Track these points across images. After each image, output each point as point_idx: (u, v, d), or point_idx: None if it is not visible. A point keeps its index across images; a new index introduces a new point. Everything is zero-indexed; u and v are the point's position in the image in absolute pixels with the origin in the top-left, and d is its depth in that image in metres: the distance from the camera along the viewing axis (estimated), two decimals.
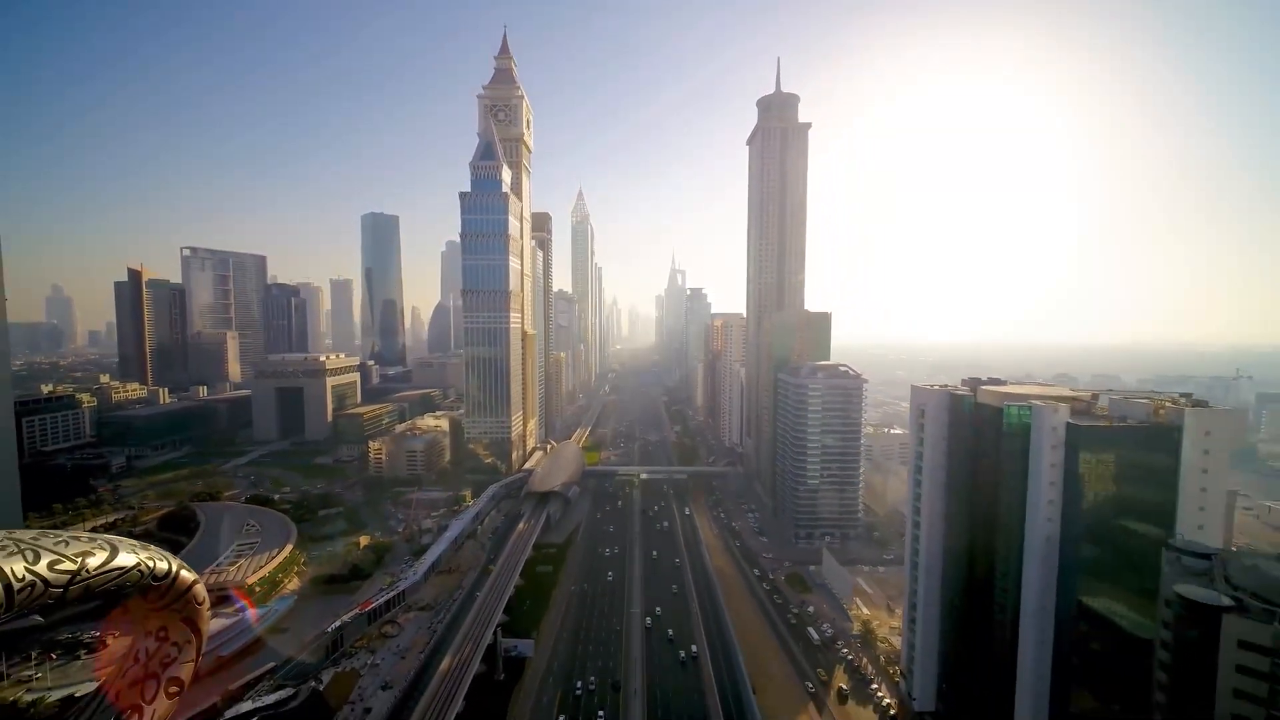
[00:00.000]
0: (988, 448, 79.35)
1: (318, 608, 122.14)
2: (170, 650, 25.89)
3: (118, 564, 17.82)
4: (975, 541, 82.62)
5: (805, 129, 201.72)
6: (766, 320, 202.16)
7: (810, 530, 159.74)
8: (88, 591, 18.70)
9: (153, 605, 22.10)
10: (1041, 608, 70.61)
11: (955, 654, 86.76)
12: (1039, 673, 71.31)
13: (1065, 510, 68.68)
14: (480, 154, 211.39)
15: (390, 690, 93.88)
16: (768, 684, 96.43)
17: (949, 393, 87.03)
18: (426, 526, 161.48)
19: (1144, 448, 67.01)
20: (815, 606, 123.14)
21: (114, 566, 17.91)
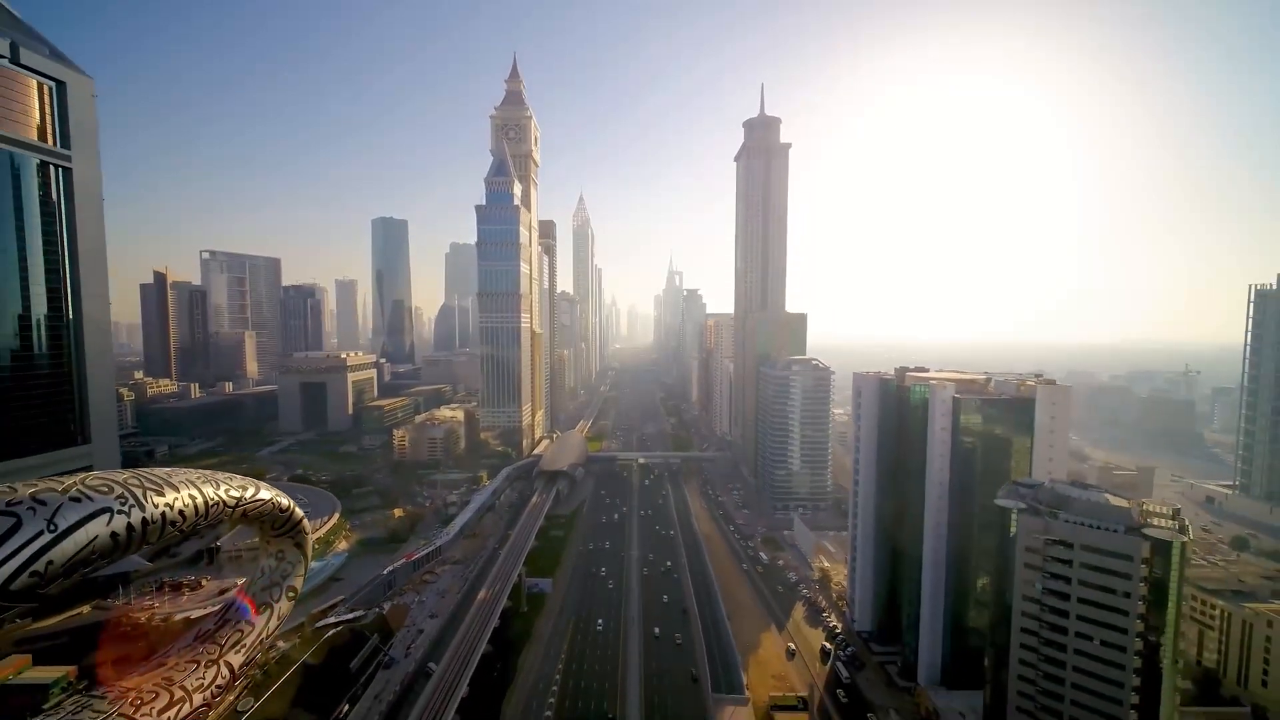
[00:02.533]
0: (905, 420, 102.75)
1: (365, 563, 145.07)
2: (286, 566, 48.95)
3: (262, 496, 33.45)
4: (896, 494, 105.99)
5: (786, 149, 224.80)
6: (751, 320, 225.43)
7: (786, 503, 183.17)
8: (244, 515, 40.17)
9: (275, 532, 44.64)
10: (936, 539, 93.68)
11: (884, 585, 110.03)
12: (935, 589, 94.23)
13: (953, 463, 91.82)
14: (494, 170, 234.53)
15: (436, 618, 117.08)
16: (740, 613, 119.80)
17: (879, 378, 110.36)
18: (451, 500, 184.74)
19: (1008, 414, 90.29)
20: (784, 561, 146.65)
21: (260, 498, 33.58)
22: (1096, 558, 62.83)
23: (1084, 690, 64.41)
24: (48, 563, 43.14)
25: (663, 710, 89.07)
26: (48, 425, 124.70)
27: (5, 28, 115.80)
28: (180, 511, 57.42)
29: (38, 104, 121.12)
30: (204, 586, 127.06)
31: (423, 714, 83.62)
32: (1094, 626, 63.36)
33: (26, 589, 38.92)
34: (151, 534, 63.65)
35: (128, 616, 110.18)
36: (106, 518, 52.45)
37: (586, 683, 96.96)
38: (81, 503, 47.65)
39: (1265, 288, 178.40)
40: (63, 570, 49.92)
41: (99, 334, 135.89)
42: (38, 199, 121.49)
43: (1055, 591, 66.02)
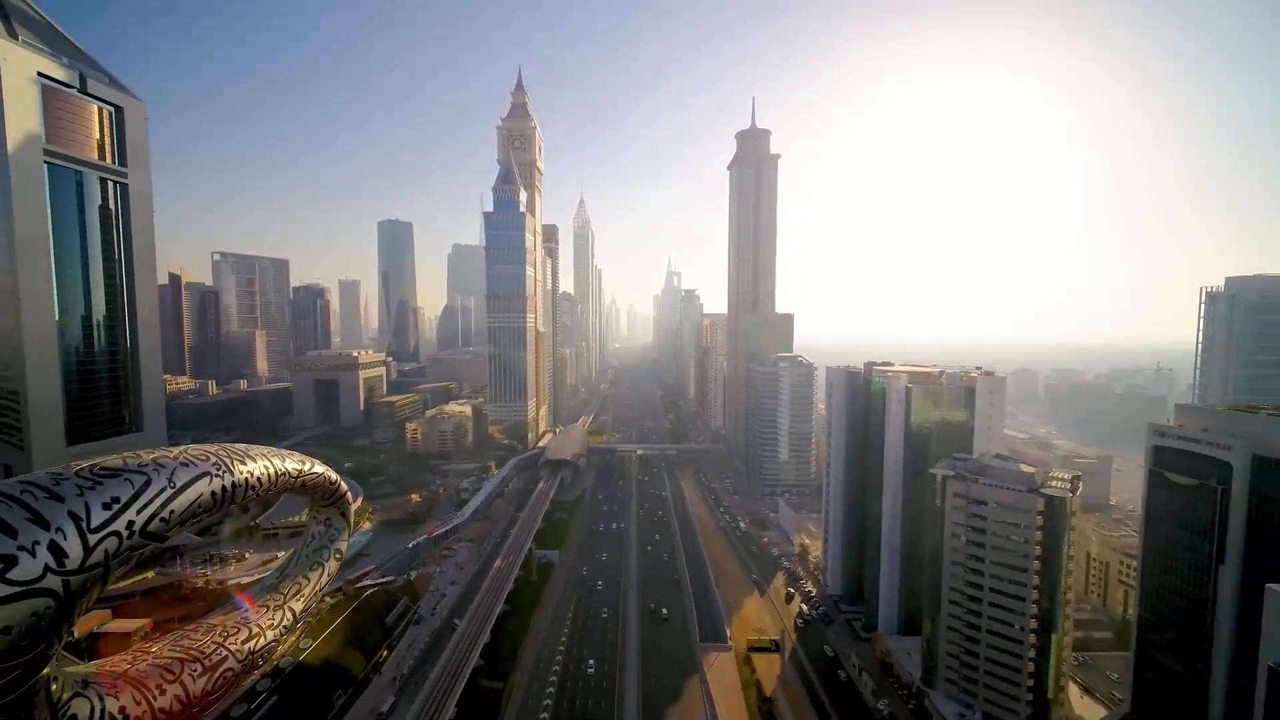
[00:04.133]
0: (869, 408, 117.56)
1: (388, 541, 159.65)
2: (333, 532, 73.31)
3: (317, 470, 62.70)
4: (862, 473, 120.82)
5: (775, 159, 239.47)
6: (742, 320, 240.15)
7: (773, 489, 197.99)
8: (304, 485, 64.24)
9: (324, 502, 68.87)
10: (893, 510, 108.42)
11: (852, 554, 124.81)
12: (891, 554, 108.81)
13: (906, 444, 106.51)
14: (501, 179, 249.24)
15: (457, 585, 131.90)
16: (727, 581, 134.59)
17: (848, 371, 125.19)
18: (463, 487, 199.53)
19: (953, 401, 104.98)
20: (769, 538, 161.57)
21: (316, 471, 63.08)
22: (1004, 512, 77.58)
23: (996, 620, 79.20)
24: (171, 511, 63.50)
25: (657, 656, 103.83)
26: (107, 415, 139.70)
27: (74, 60, 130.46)
28: (258, 478, 79.54)
29: (98, 126, 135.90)
30: (246, 560, 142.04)
31: (450, 658, 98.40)
32: (1002, 569, 78.12)
33: (157, 533, 57.83)
34: (238, 496, 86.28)
35: (186, 581, 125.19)
36: (208, 480, 73.44)
37: (592, 635, 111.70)
38: (189, 467, 68.89)
39: (1215, 289, 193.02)
40: (179, 520, 69.86)
41: (150, 333, 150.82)
42: (98, 212, 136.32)
43: (974, 542, 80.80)
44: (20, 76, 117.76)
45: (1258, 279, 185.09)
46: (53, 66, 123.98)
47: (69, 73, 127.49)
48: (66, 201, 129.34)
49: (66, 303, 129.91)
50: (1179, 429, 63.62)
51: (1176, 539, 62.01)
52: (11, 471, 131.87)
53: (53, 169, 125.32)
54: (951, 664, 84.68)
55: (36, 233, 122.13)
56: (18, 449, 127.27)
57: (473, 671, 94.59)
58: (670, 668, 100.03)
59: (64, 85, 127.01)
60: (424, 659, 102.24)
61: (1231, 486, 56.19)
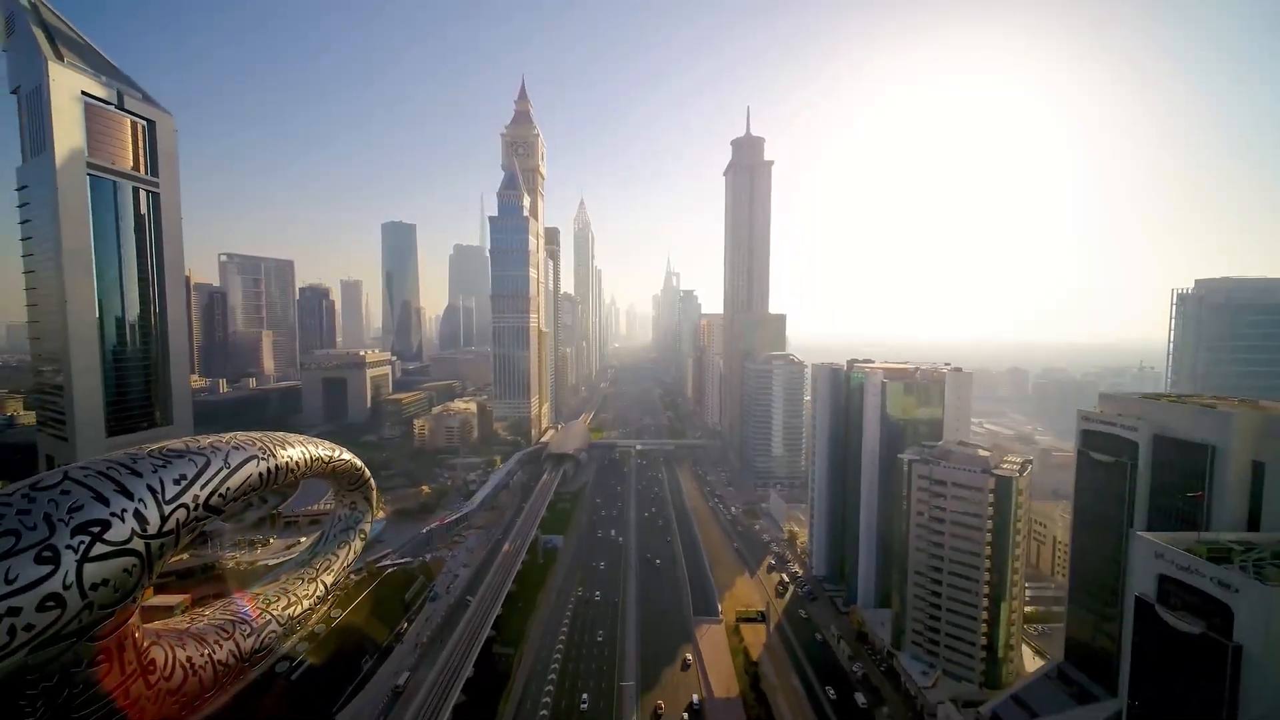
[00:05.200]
0: (849, 402, 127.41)
1: (401, 529, 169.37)
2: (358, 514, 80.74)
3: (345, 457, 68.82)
4: (843, 462, 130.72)
5: (769, 166, 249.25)
6: (737, 320, 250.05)
7: (766, 481, 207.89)
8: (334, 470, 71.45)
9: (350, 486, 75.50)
10: (870, 495, 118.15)
11: (835, 537, 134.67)
12: (869, 534, 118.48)
13: (882, 434, 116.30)
14: (505, 184, 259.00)
15: (468, 567, 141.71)
16: (720, 563, 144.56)
17: (831, 367, 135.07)
18: (471, 479, 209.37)
19: (924, 394, 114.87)
20: (760, 526, 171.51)
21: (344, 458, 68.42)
22: (960, 491, 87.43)
23: (954, 589, 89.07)
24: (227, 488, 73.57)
25: (655, 628, 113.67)
26: (142, 410, 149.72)
27: (112, 78, 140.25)
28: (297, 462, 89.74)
29: (132, 139, 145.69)
30: (270, 544, 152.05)
31: (465, 628, 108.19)
32: (959, 541, 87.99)
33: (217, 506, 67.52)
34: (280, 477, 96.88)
35: (219, 562, 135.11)
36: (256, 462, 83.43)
37: (595, 610, 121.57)
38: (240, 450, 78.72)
39: (1185, 291, 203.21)
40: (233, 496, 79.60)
41: (178, 333, 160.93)
42: (132, 219, 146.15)
43: (935, 519, 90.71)
44: (66, 95, 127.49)
45: (1224, 281, 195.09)
46: (94, 85, 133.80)
47: (108, 90, 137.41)
48: (105, 211, 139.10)
49: (106, 306, 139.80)
50: (1100, 415, 73.38)
51: (1098, 508, 71.66)
52: (54, 461, 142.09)
53: (94, 181, 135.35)
54: (917, 628, 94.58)
55: (80, 242, 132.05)
56: (61, 440, 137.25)
57: (486, 640, 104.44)
58: (667, 638, 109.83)
59: (103, 102, 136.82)
60: (441, 630, 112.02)
61: (1138, 461, 65.88)
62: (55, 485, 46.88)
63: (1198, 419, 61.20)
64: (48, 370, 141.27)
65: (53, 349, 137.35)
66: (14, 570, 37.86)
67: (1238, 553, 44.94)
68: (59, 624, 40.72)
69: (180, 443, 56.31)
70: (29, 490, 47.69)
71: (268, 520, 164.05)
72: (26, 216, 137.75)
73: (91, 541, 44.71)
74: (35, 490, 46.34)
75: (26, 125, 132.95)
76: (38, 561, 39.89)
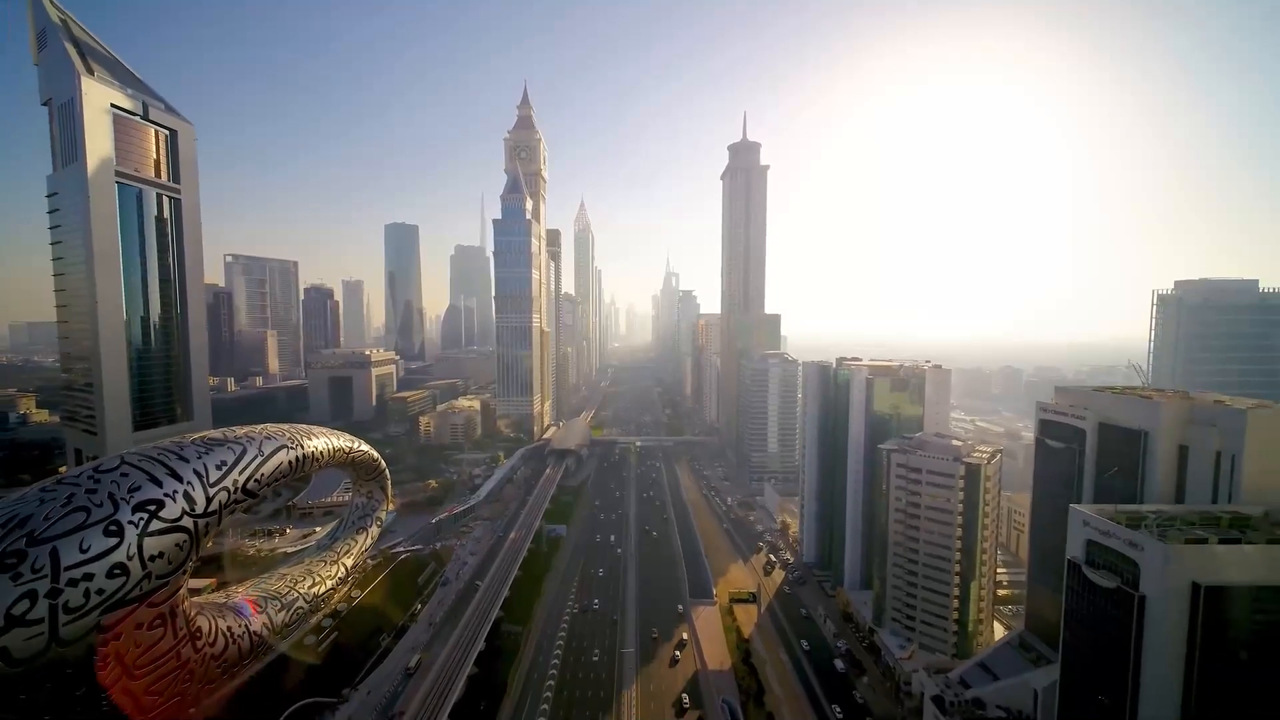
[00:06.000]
0: (837, 397, 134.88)
1: (410, 520, 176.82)
2: (374, 503, 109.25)
3: (363, 448, 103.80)
4: (831, 455, 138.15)
5: (765, 170, 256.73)
6: (734, 320, 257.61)
7: (761, 475, 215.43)
8: (353, 461, 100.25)
9: (367, 476, 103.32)
10: (855, 484, 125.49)
11: (824, 525, 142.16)
12: (855, 521, 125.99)
13: (866, 427, 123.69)
14: (508, 188, 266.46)
15: (476, 555, 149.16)
16: (715, 551, 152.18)
17: (819, 365, 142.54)
18: (476, 474, 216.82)
19: (906, 389, 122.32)
20: (755, 517, 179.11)
21: (363, 449, 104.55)
22: (933, 478, 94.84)
23: (929, 569, 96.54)
24: (262, 474, 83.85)
25: (653, 609, 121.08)
26: (163, 406, 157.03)
27: (138, 91, 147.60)
28: (322, 452, 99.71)
29: (154, 148, 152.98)
30: (286, 534, 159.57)
31: (476, 608, 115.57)
32: (933, 525, 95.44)
33: (253, 490, 77.18)
34: (307, 465, 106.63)
35: (240, 549, 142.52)
36: (286, 451, 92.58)
37: (596, 593, 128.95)
38: (272, 440, 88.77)
39: (1165, 292, 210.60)
40: (267, 481, 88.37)
41: (199, 333, 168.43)
42: (155, 223, 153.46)
43: (911, 503, 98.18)
44: (97, 108, 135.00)
45: (1201, 282, 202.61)
46: (121, 97, 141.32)
47: (134, 102, 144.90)
48: (131, 216, 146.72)
49: (131, 307, 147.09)
50: (1055, 406, 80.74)
51: (1053, 490, 78.83)
52: (82, 454, 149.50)
53: (121, 188, 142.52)
54: (896, 606, 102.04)
55: (109, 246, 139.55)
56: (90, 434, 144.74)
57: (495, 620, 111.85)
58: (664, 618, 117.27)
59: (130, 113, 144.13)
60: (453, 610, 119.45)
61: (1086, 447, 73.24)
62: (115, 469, 61.27)
63: (1134, 408, 68.58)
64: (77, 368, 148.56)
65: (82, 348, 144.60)
66: (86, 541, 51.88)
67: (1150, 520, 52.20)
68: (124, 590, 55.03)
69: (219, 433, 71.00)
70: (93, 472, 61.81)
71: (283, 511, 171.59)
72: (57, 222, 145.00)
73: (149, 518, 59.03)
74: (99, 472, 60.37)
75: (59, 136, 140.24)
76: (106, 534, 54.40)
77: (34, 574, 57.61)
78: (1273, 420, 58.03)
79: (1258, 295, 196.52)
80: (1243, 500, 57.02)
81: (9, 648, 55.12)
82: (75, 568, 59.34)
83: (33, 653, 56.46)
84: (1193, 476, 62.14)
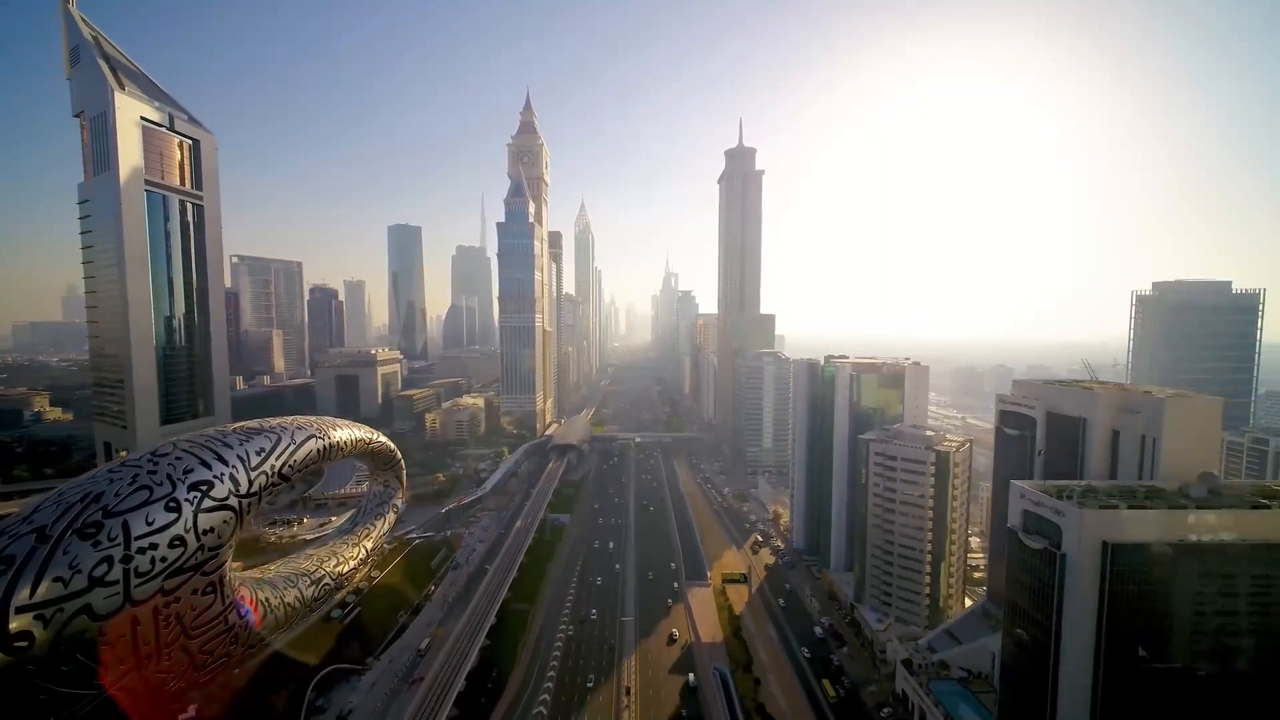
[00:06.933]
0: (825, 392, 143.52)
1: (420, 510, 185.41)
2: (390, 491, 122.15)
3: (381, 440, 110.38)
4: (819, 447, 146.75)
5: (760, 175, 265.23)
6: (730, 320, 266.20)
7: (756, 470, 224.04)
8: (372, 451, 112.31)
9: (384, 466, 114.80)
10: (841, 473, 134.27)
11: (813, 513, 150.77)
12: (840, 508, 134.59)
13: (850, 420, 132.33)
14: (512, 192, 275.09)
15: (484, 542, 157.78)
16: (710, 538, 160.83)
17: (809, 362, 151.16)
18: (482, 468, 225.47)
19: (887, 384, 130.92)
20: (749, 508, 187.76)
21: (381, 440, 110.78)
22: (907, 465, 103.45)
23: (903, 549, 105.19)
24: (295, 460, 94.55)
25: (652, 591, 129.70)
26: (187, 401, 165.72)
27: (164, 103, 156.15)
28: (346, 441, 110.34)
29: (178, 157, 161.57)
30: (304, 523, 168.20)
31: (486, 589, 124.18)
32: (907, 508, 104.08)
33: (287, 475, 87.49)
34: (333, 454, 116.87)
35: (262, 537, 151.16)
36: (315, 440, 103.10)
37: (598, 577, 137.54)
38: (303, 429, 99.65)
39: (1144, 293, 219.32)
40: (298, 467, 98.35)
41: (219, 333, 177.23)
42: (179, 229, 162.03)
43: (888, 489, 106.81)
44: (128, 120, 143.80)
45: (1178, 284, 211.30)
46: (150, 110, 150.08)
47: (161, 114, 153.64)
48: (158, 222, 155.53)
49: (158, 307, 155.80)
50: (1012, 397, 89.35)
51: (1010, 472, 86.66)
52: (111, 447, 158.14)
53: (149, 195, 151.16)
54: (874, 584, 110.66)
55: (138, 251, 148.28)
56: (120, 428, 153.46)
57: (504, 599, 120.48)
58: (661, 598, 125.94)
59: (157, 125, 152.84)
60: (465, 591, 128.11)
61: (1036, 433, 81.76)
62: (170, 453, 76.60)
63: (1076, 398, 77.05)
64: (106, 365, 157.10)
65: (112, 347, 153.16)
66: (151, 515, 66.46)
67: (1074, 492, 60.70)
68: (182, 559, 69.74)
69: (256, 423, 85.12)
70: (152, 456, 76.61)
71: (299, 502, 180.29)
72: (88, 228, 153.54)
73: (202, 497, 73.75)
74: (156, 456, 75.45)
75: (91, 146, 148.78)
76: (167, 510, 69.41)
77: (110, 542, 66.44)
78: (1187, 408, 66.61)
79: (1230, 296, 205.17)
80: (1160, 477, 65.64)
81: (92, 604, 63.91)
82: (143, 538, 68.22)
83: (111, 610, 65.18)
84: (1123, 457, 70.71)
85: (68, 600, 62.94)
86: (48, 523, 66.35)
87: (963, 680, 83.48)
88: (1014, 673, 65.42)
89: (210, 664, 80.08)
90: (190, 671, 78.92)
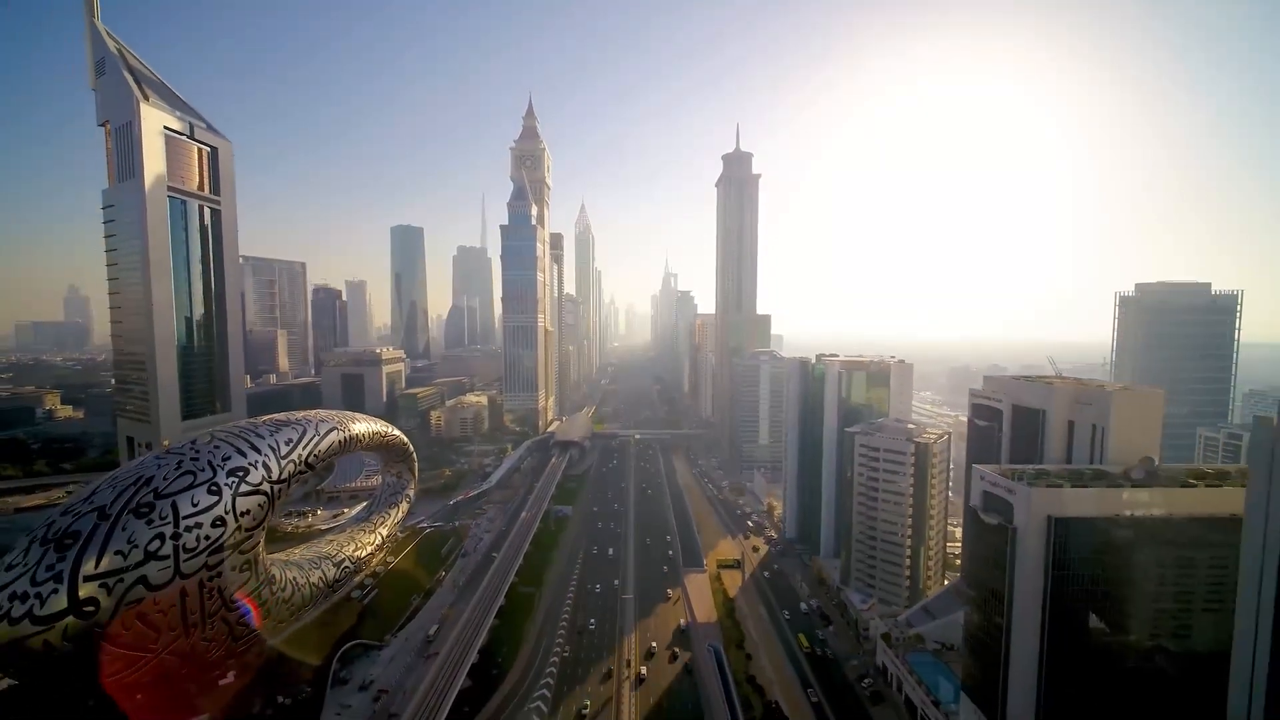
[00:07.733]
0: (816, 389, 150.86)
1: (428, 503, 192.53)
2: (402, 482, 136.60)
3: (395, 433, 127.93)
4: (810, 442, 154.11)
5: (757, 179, 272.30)
6: (727, 320, 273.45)
7: (752, 465, 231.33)
8: (386, 444, 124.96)
9: (397, 458, 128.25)
10: (829, 467, 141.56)
11: (804, 505, 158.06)
12: (829, 499, 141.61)
13: (839, 415, 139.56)
14: (514, 195, 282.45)
15: (491, 532, 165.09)
16: (706, 528, 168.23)
17: (800, 360, 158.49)
18: (487, 463, 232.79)
19: (873, 381, 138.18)
20: (744, 501, 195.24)
21: (394, 434, 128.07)
22: (890, 455, 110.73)
23: (885, 534, 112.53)
24: (319, 451, 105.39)
25: (650, 576, 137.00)
26: (205, 398, 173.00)
27: (184, 113, 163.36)
28: (363, 434, 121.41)
29: (198, 163, 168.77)
30: (319, 514, 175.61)
31: (494, 574, 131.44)
32: (889, 496, 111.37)
33: (312, 464, 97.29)
34: (351, 445, 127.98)
35: (279, 526, 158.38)
36: (336, 432, 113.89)
37: (600, 564, 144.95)
38: (325, 422, 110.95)
39: (1127, 294, 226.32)
40: (322, 457, 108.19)
41: (235, 331, 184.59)
42: (198, 233, 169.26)
43: (871, 479, 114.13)
44: (152, 130, 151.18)
45: (1159, 285, 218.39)
46: (172, 120, 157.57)
47: (182, 123, 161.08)
48: (179, 226, 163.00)
49: (179, 308, 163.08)
50: (983, 391, 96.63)
51: (981, 460, 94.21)
52: (134, 441, 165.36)
53: (171, 200, 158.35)
54: (859, 568, 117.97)
55: (161, 254, 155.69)
56: (144, 423, 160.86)
57: (511, 584, 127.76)
58: (660, 583, 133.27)
59: (179, 133, 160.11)
60: (474, 577, 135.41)
61: (1003, 424, 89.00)
62: (209, 442, 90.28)
63: (1037, 392, 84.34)
64: (129, 363, 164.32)
65: (136, 347, 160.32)
66: (197, 497, 79.70)
67: (1026, 474, 68.01)
68: (222, 538, 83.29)
69: (283, 415, 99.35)
70: (193, 444, 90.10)
71: (313, 494, 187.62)
72: (112, 232, 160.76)
73: (239, 482, 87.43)
74: (197, 445, 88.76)
75: (116, 154, 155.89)
76: (209, 493, 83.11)
77: (161, 520, 73.94)
78: (1132, 400, 73.98)
79: (1209, 297, 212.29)
80: (1109, 461, 72.94)
81: (148, 575, 71.37)
82: (189, 517, 75.80)
83: (164, 581, 72.64)
84: (1077, 445, 78.01)
85: (127, 571, 70.55)
86: (107, 502, 73.89)
87: (937, 652, 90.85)
88: (975, 639, 72.73)
89: (246, 635, 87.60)
90: (229, 641, 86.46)
